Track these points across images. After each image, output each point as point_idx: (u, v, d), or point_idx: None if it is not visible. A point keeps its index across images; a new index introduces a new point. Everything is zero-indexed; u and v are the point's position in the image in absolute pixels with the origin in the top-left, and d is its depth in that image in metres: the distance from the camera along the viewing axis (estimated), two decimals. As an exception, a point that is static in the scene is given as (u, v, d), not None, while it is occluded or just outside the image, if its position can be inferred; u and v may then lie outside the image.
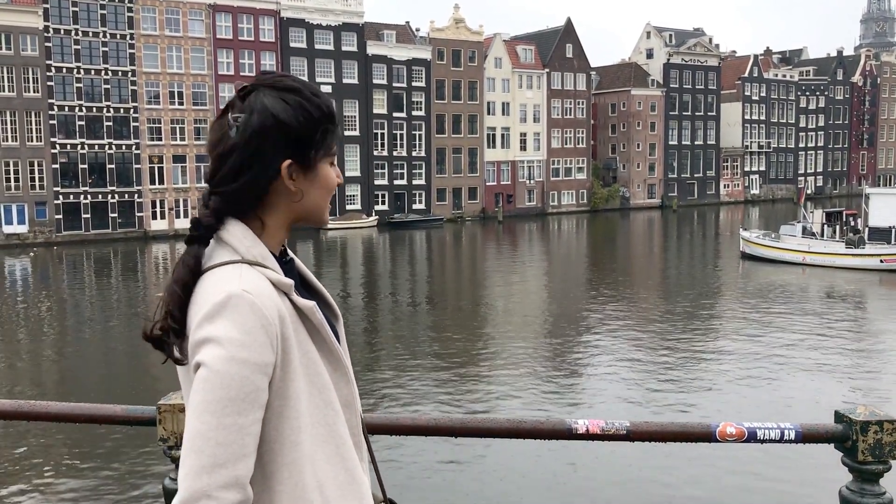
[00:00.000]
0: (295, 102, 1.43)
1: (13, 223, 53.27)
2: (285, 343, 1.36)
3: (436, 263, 45.16)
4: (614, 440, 2.45)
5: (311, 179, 1.47)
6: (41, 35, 53.56)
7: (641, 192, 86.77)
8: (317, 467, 1.40)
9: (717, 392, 16.18)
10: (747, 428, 2.44)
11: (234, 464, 1.27)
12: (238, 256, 1.40)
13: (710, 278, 34.85)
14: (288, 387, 1.37)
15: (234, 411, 1.28)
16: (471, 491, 11.22)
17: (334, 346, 1.46)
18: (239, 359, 1.29)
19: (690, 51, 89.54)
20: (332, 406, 1.43)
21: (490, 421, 2.51)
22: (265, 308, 1.32)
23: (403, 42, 69.43)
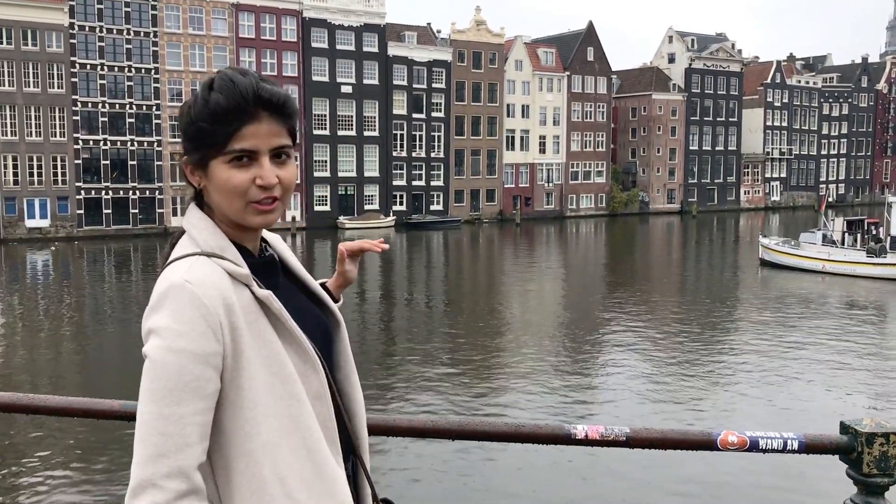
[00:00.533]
0: (194, 99, 1.43)
1: (35, 217, 53.87)
2: (235, 333, 1.35)
3: (452, 265, 45.16)
4: (614, 446, 2.42)
5: (210, 178, 1.44)
6: (66, 32, 54.13)
7: (661, 197, 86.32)
8: (278, 459, 1.38)
9: (730, 399, 16.04)
10: (749, 437, 2.40)
11: (177, 454, 1.28)
12: (198, 248, 1.42)
13: (728, 285, 34.59)
14: (240, 376, 1.36)
15: (173, 401, 1.29)
16: (472, 494, 11.16)
17: (298, 337, 1.44)
18: (176, 348, 1.29)
19: (713, 56, 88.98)
20: (296, 398, 1.41)
21: (488, 424, 2.48)
22: (205, 297, 1.33)
23: (424, 43, 69.51)
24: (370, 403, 14.88)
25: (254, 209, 1.43)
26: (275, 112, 1.42)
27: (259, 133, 1.40)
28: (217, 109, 1.39)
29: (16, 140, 52.86)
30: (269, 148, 1.42)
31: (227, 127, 1.39)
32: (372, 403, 15.38)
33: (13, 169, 53.05)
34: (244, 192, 1.41)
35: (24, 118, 52.99)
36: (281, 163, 1.44)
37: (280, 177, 1.43)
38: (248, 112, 1.39)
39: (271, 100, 1.41)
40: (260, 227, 1.47)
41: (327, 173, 65.03)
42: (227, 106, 1.38)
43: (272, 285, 1.49)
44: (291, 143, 1.48)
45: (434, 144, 70.39)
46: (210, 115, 1.39)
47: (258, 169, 1.41)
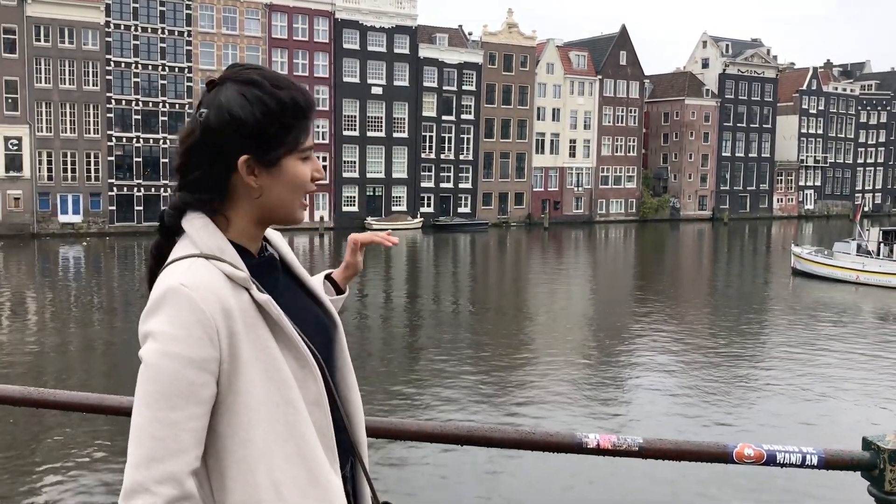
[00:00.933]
0: (253, 97, 1.40)
1: (69, 213, 54.70)
2: (233, 338, 1.34)
3: (479, 268, 45.09)
4: (626, 456, 2.37)
5: (275, 175, 1.44)
6: (102, 30, 54.93)
7: (692, 204, 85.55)
8: (273, 466, 1.36)
9: (754, 411, 15.80)
10: (767, 450, 2.33)
11: (169, 459, 1.27)
12: (197, 250, 1.40)
13: (759, 294, 34.15)
14: (237, 382, 1.35)
15: (166, 406, 1.28)
16: (479, 502, 11.06)
17: (296, 342, 1.42)
18: (171, 353, 1.29)
19: (747, 62, 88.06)
20: (292, 404, 1.38)
21: (498, 431, 2.43)
22: (202, 302, 1.32)
23: (455, 45, 69.56)
24: (390, 406, 14.85)
25: (302, 204, 1.49)
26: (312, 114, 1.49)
27: (311, 130, 1.49)
28: (295, 105, 1.43)
29: (51, 136, 53.73)
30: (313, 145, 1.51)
31: (304, 122, 1.45)
32: (392, 406, 15.38)
33: (48, 165, 53.93)
34: (306, 184, 1.47)
35: (59, 115, 53.85)
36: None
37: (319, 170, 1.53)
38: (310, 111, 1.47)
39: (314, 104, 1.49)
40: (299, 222, 1.51)
41: (356, 174, 65.29)
42: (302, 102, 1.44)
43: (272, 285, 1.47)
44: None
45: (463, 147, 70.39)
46: (292, 111, 1.43)
47: (312, 164, 1.48)
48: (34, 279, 35.78)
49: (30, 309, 28.00)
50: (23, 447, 13.02)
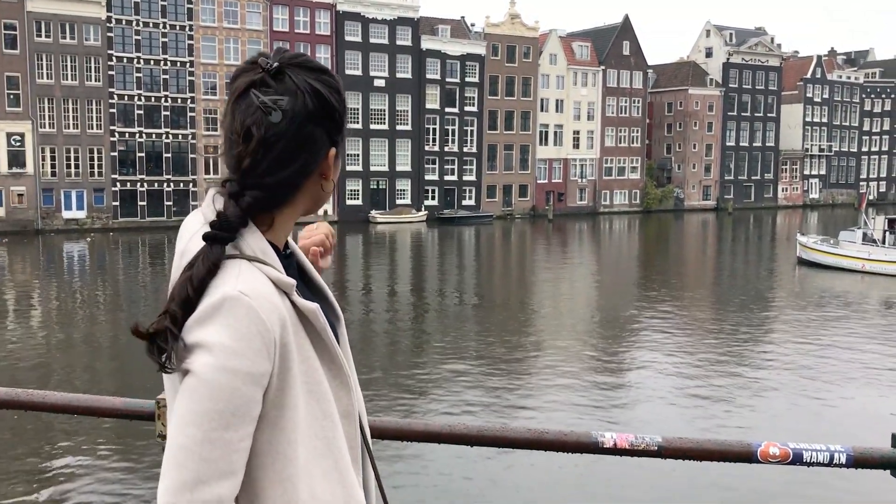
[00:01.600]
0: (330, 84, 1.34)
1: (72, 209, 54.72)
2: (284, 350, 1.23)
3: (484, 260, 45.01)
4: (644, 456, 2.27)
5: (336, 164, 1.39)
6: (104, 25, 54.83)
7: (696, 194, 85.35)
8: (313, 483, 1.27)
9: (767, 405, 15.66)
10: (792, 449, 2.23)
11: (218, 481, 1.17)
12: (236, 251, 1.26)
13: (765, 284, 34.02)
14: (285, 396, 1.24)
15: (221, 425, 1.17)
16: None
17: (336, 352, 1.32)
18: (230, 368, 1.17)
19: (751, 50, 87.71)
20: (331, 418, 1.30)
21: (509, 430, 2.33)
22: (263, 312, 1.20)
23: (458, 37, 69.34)
24: (394, 402, 14.74)
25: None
26: None
27: None
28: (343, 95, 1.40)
29: (54, 132, 53.71)
30: None
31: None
32: (398, 402, 15.30)
33: (51, 161, 53.93)
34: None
35: (61, 110, 53.81)
36: None
37: None
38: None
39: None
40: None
41: (359, 167, 65.20)
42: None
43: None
44: None
45: (467, 139, 70.23)
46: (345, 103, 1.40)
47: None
48: (39, 275, 35.79)
49: (35, 305, 27.99)
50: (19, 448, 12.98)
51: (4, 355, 19.41)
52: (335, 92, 1.33)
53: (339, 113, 1.34)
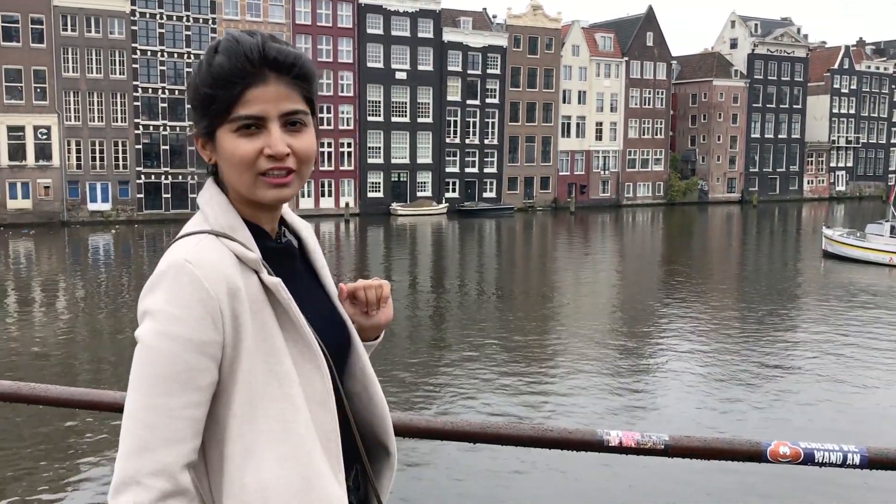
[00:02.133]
0: (198, 64, 1.29)
1: (97, 201, 55.32)
2: (237, 321, 1.22)
3: (505, 253, 44.91)
4: (651, 455, 2.21)
5: (218, 150, 1.31)
6: (128, 19, 55.25)
7: (721, 186, 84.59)
8: (263, 467, 1.23)
9: (790, 400, 15.47)
10: (804, 448, 2.16)
11: (163, 449, 1.17)
12: (208, 226, 1.29)
13: (790, 277, 33.65)
14: (237, 370, 1.23)
15: (163, 391, 1.18)
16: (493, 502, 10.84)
17: (304, 332, 1.28)
18: (170, 334, 1.18)
19: (777, 41, 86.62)
20: (291, 401, 1.25)
21: (512, 427, 2.28)
22: (207, 280, 1.20)
23: (480, 29, 69.11)
24: (411, 394, 14.73)
25: (265, 182, 1.28)
26: (284, 73, 1.27)
27: (266, 96, 1.26)
28: (220, 72, 1.25)
29: (79, 125, 54.27)
30: (279, 113, 1.27)
31: (230, 90, 1.25)
32: (413, 394, 15.30)
33: (76, 153, 54.52)
34: (252, 163, 1.27)
35: (87, 104, 54.34)
36: (295, 131, 1.29)
37: (293, 146, 1.28)
38: (253, 73, 1.25)
39: (277, 58, 1.26)
40: (274, 203, 1.31)
41: (380, 160, 65.26)
42: (230, 67, 1.25)
43: (286, 273, 1.33)
44: (308, 109, 1.31)
45: (488, 131, 70.04)
46: (213, 79, 1.25)
47: (267, 137, 1.27)
48: (64, 267, 36.22)
49: (60, 296, 28.33)
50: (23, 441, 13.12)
51: (31, 347, 19.65)
52: (196, 73, 1.29)
53: (191, 95, 1.30)
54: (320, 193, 62.71)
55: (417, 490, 10.83)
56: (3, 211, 52.15)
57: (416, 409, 14.07)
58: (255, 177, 1.28)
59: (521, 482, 11.21)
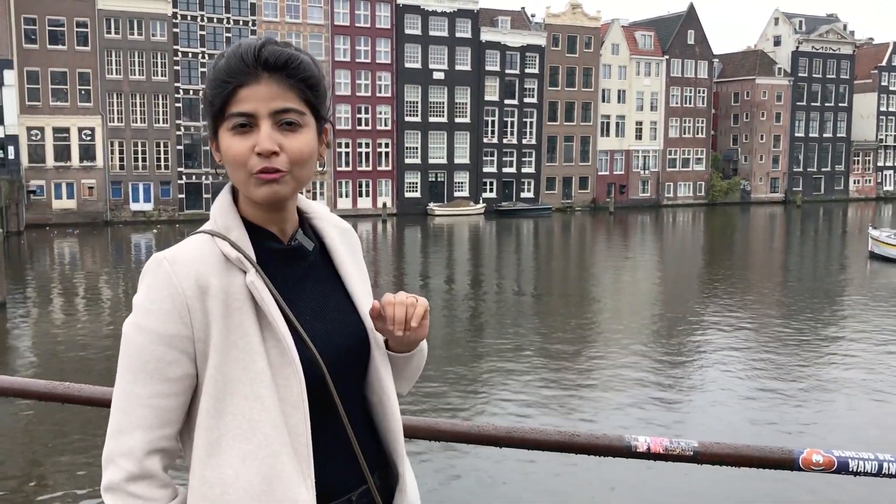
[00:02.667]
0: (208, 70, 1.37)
1: (140, 201, 56.34)
2: (207, 317, 1.26)
3: (542, 254, 44.72)
4: (679, 461, 2.18)
5: (222, 152, 1.34)
6: (169, 21, 56.17)
7: (763, 186, 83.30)
8: (225, 463, 1.26)
9: (831, 407, 15.13)
10: (837, 457, 2.11)
11: (131, 433, 1.24)
12: (209, 227, 1.36)
13: (835, 279, 32.98)
14: (206, 365, 1.28)
15: (132, 379, 1.25)
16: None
17: (281, 335, 1.28)
18: (140, 325, 1.26)
19: (822, 38, 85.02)
20: (261, 400, 1.27)
21: (539, 432, 2.27)
22: (176, 276, 1.26)
23: (518, 28, 68.93)
24: (447, 397, 14.70)
25: (256, 180, 1.29)
26: (279, 72, 1.29)
27: (257, 95, 1.28)
28: (219, 74, 1.30)
29: (122, 126, 55.31)
30: (270, 111, 1.28)
31: (225, 89, 1.29)
32: (447, 398, 15.30)
33: (119, 154, 55.59)
34: (244, 161, 1.29)
35: (129, 105, 55.38)
36: (289, 131, 1.30)
37: (284, 145, 1.29)
38: (247, 73, 1.28)
39: (269, 59, 1.29)
40: (267, 201, 1.32)
41: (418, 160, 65.43)
42: (226, 68, 1.29)
43: (292, 276, 1.36)
44: (305, 110, 1.32)
45: (526, 131, 69.82)
46: (213, 80, 1.31)
47: (257, 135, 1.29)
48: (108, 265, 36.92)
49: (103, 295, 28.88)
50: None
51: (75, 345, 20.06)
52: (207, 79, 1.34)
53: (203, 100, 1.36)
54: (358, 193, 63.08)
55: (444, 494, 10.81)
56: (49, 211, 53.35)
57: (447, 412, 14.07)
58: (248, 175, 1.30)
59: (548, 486, 11.14)
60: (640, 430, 13.13)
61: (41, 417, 13.57)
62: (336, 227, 1.50)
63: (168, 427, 1.26)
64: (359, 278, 1.48)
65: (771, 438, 13.07)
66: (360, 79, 62.44)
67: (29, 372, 16.72)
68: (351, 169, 62.22)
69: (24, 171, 51.61)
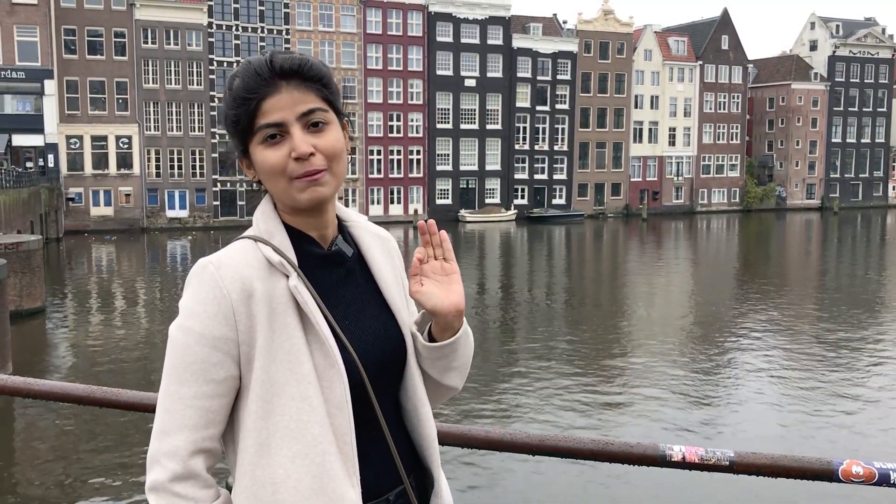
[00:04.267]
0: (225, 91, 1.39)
1: (175, 208, 57.14)
2: (252, 321, 1.29)
3: (574, 261, 44.49)
4: (715, 471, 2.16)
5: (257, 165, 1.37)
6: (205, 31, 56.97)
7: (799, 192, 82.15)
8: (275, 463, 1.29)
9: (866, 422, 14.81)
10: (878, 468, 2.08)
11: (176, 433, 1.26)
12: (252, 232, 1.38)
13: (873, 288, 32.36)
14: (252, 367, 1.31)
15: (176, 380, 1.28)
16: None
17: (324, 336, 1.32)
18: (186, 327, 1.29)
19: (859, 42, 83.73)
20: (308, 401, 1.30)
21: (572, 440, 2.26)
22: (223, 279, 1.29)
23: (550, 35, 68.82)
24: (478, 404, 14.67)
25: (298, 185, 1.33)
26: (294, 78, 1.33)
27: (281, 104, 1.32)
28: (238, 93, 1.33)
29: (158, 135, 56.17)
30: (297, 115, 1.32)
31: (248, 106, 1.32)
32: (479, 405, 15.27)
33: (156, 162, 56.46)
34: (283, 169, 1.33)
35: (165, 114, 56.24)
36: (318, 131, 1.34)
37: (317, 145, 1.33)
38: (265, 85, 1.32)
39: (283, 65, 1.33)
40: (311, 205, 1.35)
41: (449, 167, 65.54)
42: (244, 86, 1.33)
43: (332, 280, 1.39)
44: (327, 107, 1.36)
45: (558, 137, 69.62)
46: (233, 101, 1.34)
47: (291, 142, 1.33)
48: (144, 271, 37.45)
49: (140, 300, 29.28)
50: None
51: (113, 350, 20.35)
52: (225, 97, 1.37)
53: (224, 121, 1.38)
54: (389, 200, 63.33)
55: (476, 501, 10.78)
56: (87, 217, 54.31)
57: (478, 420, 14.04)
58: (288, 182, 1.33)
59: (579, 493, 11.06)
60: (674, 439, 12.99)
61: (78, 421, 13.79)
62: (374, 234, 1.53)
63: (212, 427, 1.29)
64: (395, 286, 1.49)
65: (809, 450, 12.85)
66: (391, 86, 62.74)
67: (68, 376, 16.99)
68: (383, 176, 62.51)
69: (63, 178, 52.61)
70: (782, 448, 12.39)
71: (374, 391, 1.37)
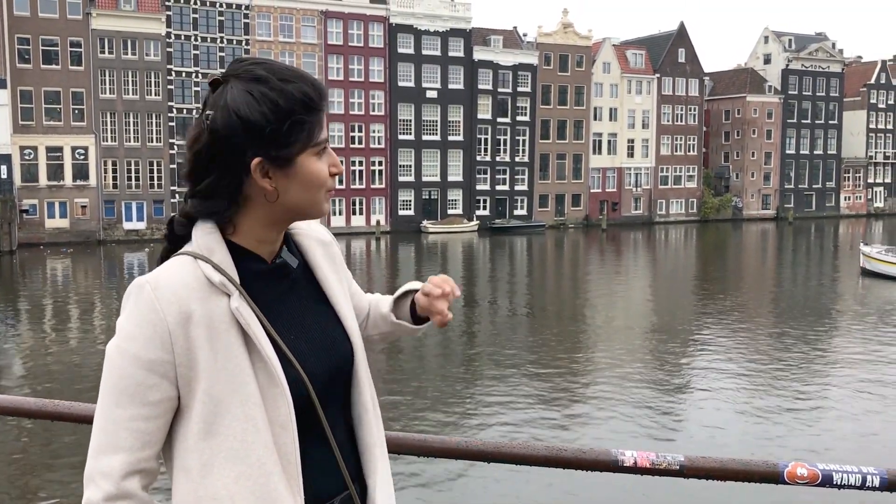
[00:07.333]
0: (260, 94, 1.29)
1: (133, 220, 56.23)
2: (190, 343, 1.27)
3: (536, 271, 44.76)
4: (666, 475, 2.20)
5: (291, 175, 1.33)
6: (163, 41, 56.34)
7: (755, 203, 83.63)
8: (217, 483, 1.28)
9: (825, 424, 15.14)
10: (822, 470, 2.13)
11: (110, 454, 1.26)
12: (191, 248, 1.34)
13: (827, 295, 33.08)
14: (195, 389, 1.29)
15: (112, 402, 1.27)
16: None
17: (267, 356, 1.30)
18: (122, 348, 1.28)
19: (811, 56, 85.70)
20: (253, 422, 1.29)
21: (526, 447, 2.28)
22: (158, 301, 1.27)
23: (510, 47, 69.34)
24: (441, 411, 14.66)
25: (326, 197, 1.39)
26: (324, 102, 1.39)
27: (325, 122, 1.37)
28: (307, 99, 1.31)
29: (115, 145, 55.31)
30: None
31: (317, 115, 1.33)
32: (442, 413, 15.27)
33: (112, 173, 55.56)
34: (326, 180, 1.37)
35: (122, 124, 55.43)
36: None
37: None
38: (323, 99, 1.35)
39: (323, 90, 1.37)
40: (325, 214, 1.41)
41: (412, 178, 65.56)
42: (313, 95, 1.32)
43: (276, 295, 1.38)
44: None
45: (518, 148, 70.08)
46: (304, 106, 1.31)
47: (329, 157, 1.38)
48: (100, 284, 36.80)
49: (96, 313, 28.77)
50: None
51: (66, 364, 19.96)
52: (265, 101, 1.28)
53: (262, 124, 1.28)
54: (351, 211, 63.12)
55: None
56: (42, 230, 53.20)
57: (441, 428, 14.04)
58: (325, 193, 1.38)
59: (538, 499, 11.11)
60: (630, 444, 13.12)
61: (31, 435, 13.49)
62: (318, 240, 1.52)
63: (148, 449, 1.28)
64: (342, 293, 1.50)
65: (762, 453, 13.06)
66: (353, 97, 62.65)
67: (20, 390, 16.62)
68: (345, 187, 62.32)
69: (17, 190, 51.46)
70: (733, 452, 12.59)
71: (322, 402, 1.36)
